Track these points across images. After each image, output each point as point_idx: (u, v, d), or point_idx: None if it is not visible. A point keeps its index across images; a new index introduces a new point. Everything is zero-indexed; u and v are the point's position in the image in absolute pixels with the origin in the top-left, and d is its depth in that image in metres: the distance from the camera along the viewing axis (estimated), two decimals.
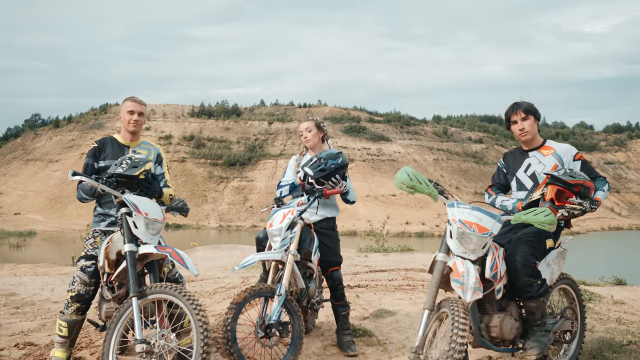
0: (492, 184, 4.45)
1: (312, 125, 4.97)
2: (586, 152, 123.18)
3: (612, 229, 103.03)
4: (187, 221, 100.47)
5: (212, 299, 6.56)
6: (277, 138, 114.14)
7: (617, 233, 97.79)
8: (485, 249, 3.53)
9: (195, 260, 9.90)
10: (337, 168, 4.57)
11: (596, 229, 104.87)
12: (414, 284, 7.11)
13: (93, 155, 4.37)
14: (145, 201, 3.89)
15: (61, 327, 4.09)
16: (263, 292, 4.09)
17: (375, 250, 10.46)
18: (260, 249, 4.75)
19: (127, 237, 3.75)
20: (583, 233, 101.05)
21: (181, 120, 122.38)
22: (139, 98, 4.41)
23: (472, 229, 3.46)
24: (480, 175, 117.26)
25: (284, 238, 4.32)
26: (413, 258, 9.66)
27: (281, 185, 4.93)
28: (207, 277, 8.02)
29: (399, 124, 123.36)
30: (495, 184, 4.42)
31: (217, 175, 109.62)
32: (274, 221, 4.43)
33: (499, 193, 4.34)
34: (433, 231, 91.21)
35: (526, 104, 4.14)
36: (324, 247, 4.74)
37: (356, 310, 5.96)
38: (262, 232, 4.78)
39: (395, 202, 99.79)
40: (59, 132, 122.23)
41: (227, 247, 11.08)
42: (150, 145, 4.58)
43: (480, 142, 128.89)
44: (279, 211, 4.49)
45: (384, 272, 8.10)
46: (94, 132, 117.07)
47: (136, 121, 4.38)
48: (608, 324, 5.68)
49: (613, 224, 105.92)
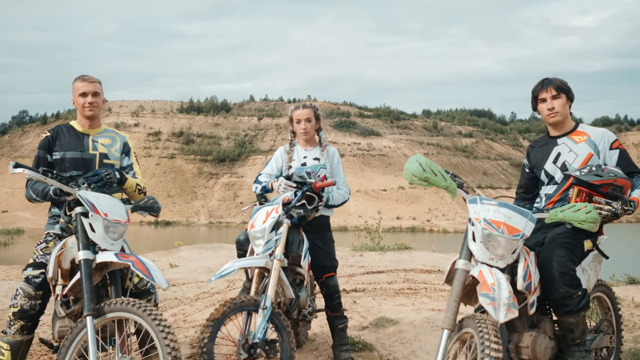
0: (517, 193, 3.78)
1: (312, 114, 4.29)
2: None
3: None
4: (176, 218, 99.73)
5: (193, 307, 5.93)
6: (267, 133, 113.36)
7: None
8: (515, 254, 2.92)
9: (178, 262, 9.25)
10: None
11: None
12: (416, 287, 6.50)
13: (46, 147, 3.72)
14: (106, 199, 3.25)
15: (2, 350, 3.43)
16: (245, 305, 3.45)
17: (370, 249, 9.85)
18: (241, 253, 4.10)
19: (82, 242, 3.11)
20: None
21: (170, 117, 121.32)
22: (90, 76, 3.73)
23: (500, 230, 2.84)
24: (470, 169, 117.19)
25: (268, 241, 3.69)
26: (411, 257, 9.06)
27: (259, 181, 4.30)
28: (190, 280, 7.38)
29: (388, 119, 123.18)
30: (519, 193, 3.76)
31: (206, 171, 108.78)
32: (255, 221, 3.79)
33: (525, 203, 3.69)
34: (424, 226, 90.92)
35: (559, 81, 3.51)
36: (317, 249, 4.12)
37: (354, 318, 5.35)
38: (242, 234, 4.13)
39: (386, 197, 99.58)
40: (47, 129, 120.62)
41: (213, 247, 10.43)
42: (115, 134, 3.92)
43: (470, 137, 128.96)
44: (262, 209, 3.86)
45: (382, 273, 7.50)
46: None
47: (91, 104, 3.70)
48: (635, 332, 5.10)
49: None
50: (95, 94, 3.71)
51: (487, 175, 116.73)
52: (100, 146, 3.78)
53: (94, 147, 3.75)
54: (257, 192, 4.20)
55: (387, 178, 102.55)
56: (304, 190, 3.90)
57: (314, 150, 4.33)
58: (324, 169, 4.23)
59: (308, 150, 4.33)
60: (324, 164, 4.26)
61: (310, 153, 4.32)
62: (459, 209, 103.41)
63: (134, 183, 3.74)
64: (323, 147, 4.33)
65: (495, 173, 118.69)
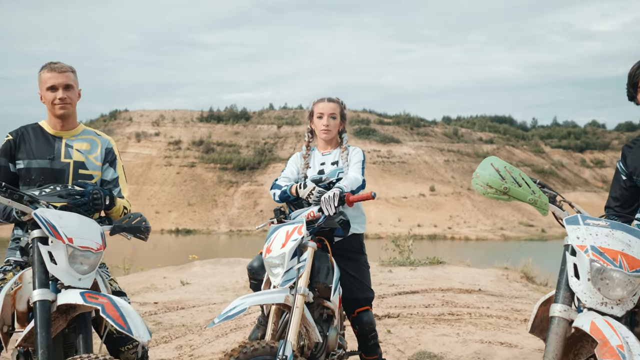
0: (609, 207, 2.82)
1: (338, 111, 3.46)
2: (599, 151, 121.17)
3: None
4: (197, 226, 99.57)
5: (202, 337, 5.14)
6: (287, 141, 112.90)
7: None
8: (636, 297, 2.07)
9: (191, 279, 8.48)
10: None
11: None
12: (459, 313, 5.64)
13: (7, 154, 2.94)
14: (72, 219, 2.46)
15: None
16: (259, 354, 2.64)
17: (400, 264, 8.97)
18: (255, 283, 3.30)
19: (39, 278, 2.34)
20: None
21: (190, 125, 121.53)
22: (60, 63, 2.90)
23: (618, 263, 2.00)
24: None
25: (288, 269, 2.88)
26: (446, 273, 8.18)
27: (278, 185, 3.45)
28: (201, 302, 6.59)
29: (408, 126, 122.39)
30: (613, 207, 2.80)
31: (226, 179, 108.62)
32: (273, 244, 2.99)
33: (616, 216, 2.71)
34: (446, 233, 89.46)
35: None
36: (348, 278, 3.31)
37: (389, 352, 4.52)
38: (256, 260, 3.31)
39: (406, 204, 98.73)
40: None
41: (229, 262, 9.64)
42: (96, 136, 3.11)
43: (492, 143, 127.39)
44: (281, 229, 3.05)
45: (417, 293, 6.63)
46: None
47: (63, 100, 2.88)
48: None
49: None
50: (68, 87, 2.91)
51: None
52: (76, 152, 2.97)
53: (67, 154, 2.95)
54: (277, 199, 3.38)
55: (407, 185, 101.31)
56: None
57: (333, 153, 3.50)
58: (342, 173, 3.40)
59: (326, 154, 3.51)
60: (342, 168, 3.43)
61: (329, 157, 3.50)
62: (481, 215, 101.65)
63: (121, 206, 2.92)
64: (343, 149, 3.50)
65: None
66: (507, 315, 5.60)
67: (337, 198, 3.01)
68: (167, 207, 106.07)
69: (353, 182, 3.21)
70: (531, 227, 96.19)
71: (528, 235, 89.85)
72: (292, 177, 3.49)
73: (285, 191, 3.30)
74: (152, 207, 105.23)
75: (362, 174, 3.35)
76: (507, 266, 8.88)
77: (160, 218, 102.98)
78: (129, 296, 7.39)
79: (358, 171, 3.34)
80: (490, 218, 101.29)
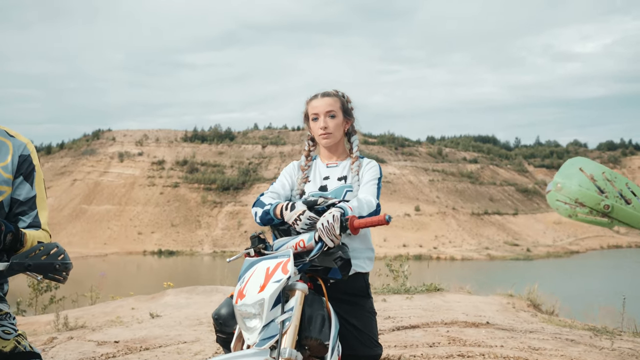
0: None
1: (337, 106, 2.66)
2: None
3: (611, 247, 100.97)
4: (180, 247, 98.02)
5: None
6: (271, 161, 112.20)
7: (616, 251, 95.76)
8: None
9: (162, 310, 7.59)
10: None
11: (595, 247, 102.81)
12: (470, 354, 4.82)
13: None
14: None
15: None
16: None
17: (394, 291, 8.16)
18: (223, 338, 2.45)
19: None
20: (582, 252, 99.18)
21: (174, 145, 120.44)
22: None
23: None
24: (476, 195, 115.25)
25: (268, 323, 2.07)
26: (446, 302, 7.37)
27: (261, 203, 2.56)
28: (169, 340, 5.70)
29: (393, 146, 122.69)
30: None
31: (210, 200, 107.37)
32: (247, 286, 2.19)
33: None
34: (431, 253, 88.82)
35: None
36: (351, 330, 2.48)
37: None
38: (224, 306, 2.44)
39: (392, 225, 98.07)
40: (51, 159, 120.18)
41: (205, 290, 8.74)
42: (6, 137, 2.24)
43: (476, 162, 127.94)
44: (259, 264, 2.24)
45: (417, 328, 5.81)
46: (86, 158, 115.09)
47: None
48: None
49: (612, 242, 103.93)
50: None
51: (494, 201, 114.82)
52: None
53: None
54: (258, 220, 2.54)
55: (392, 205, 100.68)
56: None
57: (340, 166, 2.70)
58: (351, 192, 2.60)
59: (332, 166, 2.71)
60: (351, 185, 2.63)
61: (335, 171, 2.69)
62: (466, 235, 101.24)
63: (35, 240, 2.04)
64: (354, 159, 2.70)
65: (502, 199, 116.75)
66: (526, 357, 4.80)
67: (337, 222, 2.19)
68: (149, 228, 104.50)
69: (363, 205, 2.39)
70: (516, 247, 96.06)
71: (513, 254, 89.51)
72: (282, 192, 2.68)
73: (268, 211, 2.47)
74: (134, 228, 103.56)
75: (377, 196, 2.55)
76: (511, 293, 8.11)
77: (142, 239, 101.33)
78: (89, 332, 6.48)
79: (372, 192, 2.54)
80: (475, 238, 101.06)
